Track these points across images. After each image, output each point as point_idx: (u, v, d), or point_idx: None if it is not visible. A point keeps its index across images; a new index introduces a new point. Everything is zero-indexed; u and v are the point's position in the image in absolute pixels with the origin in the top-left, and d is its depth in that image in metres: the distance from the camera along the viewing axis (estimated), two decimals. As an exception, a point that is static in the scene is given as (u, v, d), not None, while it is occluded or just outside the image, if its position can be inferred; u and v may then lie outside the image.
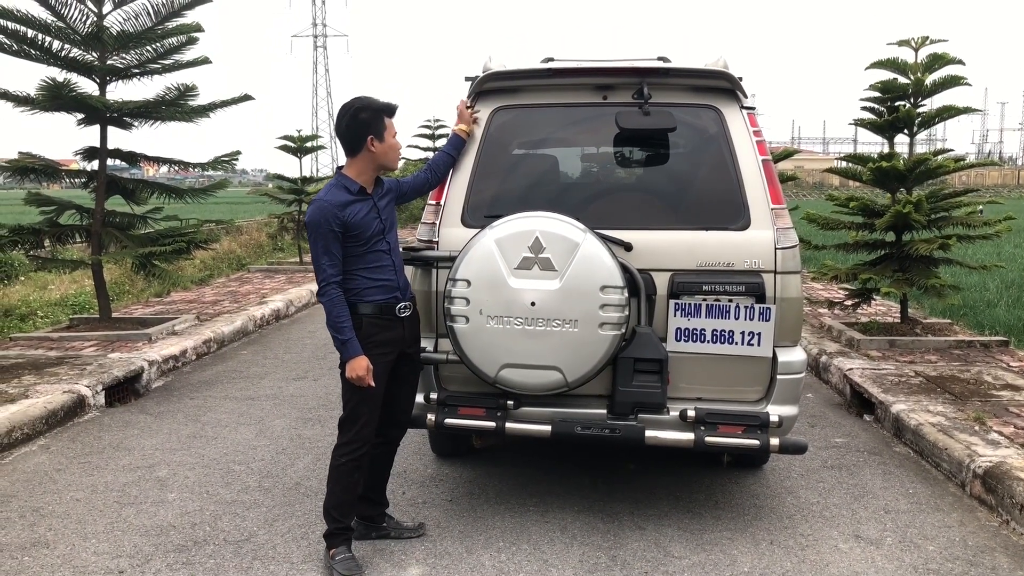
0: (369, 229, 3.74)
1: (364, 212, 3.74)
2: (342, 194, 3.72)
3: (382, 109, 3.76)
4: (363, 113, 3.72)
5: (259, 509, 4.49)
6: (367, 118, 3.72)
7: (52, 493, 4.74)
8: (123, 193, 8.97)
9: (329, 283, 3.68)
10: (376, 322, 3.77)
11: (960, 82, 7.67)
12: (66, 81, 7.82)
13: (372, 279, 3.78)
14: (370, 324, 3.76)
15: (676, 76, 4.32)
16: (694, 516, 4.36)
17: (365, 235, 3.73)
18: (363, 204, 3.75)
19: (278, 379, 7.31)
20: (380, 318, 3.78)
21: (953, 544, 4.05)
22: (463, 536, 4.12)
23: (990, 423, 5.30)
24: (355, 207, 3.72)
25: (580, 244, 3.84)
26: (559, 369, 3.88)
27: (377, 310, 3.77)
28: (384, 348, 3.79)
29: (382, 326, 3.78)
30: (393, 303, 3.81)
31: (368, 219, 3.75)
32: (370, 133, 3.72)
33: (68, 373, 6.77)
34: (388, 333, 3.80)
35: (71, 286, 12.14)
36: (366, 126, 3.72)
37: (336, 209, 3.66)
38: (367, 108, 3.73)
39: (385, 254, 3.81)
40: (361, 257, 3.75)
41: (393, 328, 3.82)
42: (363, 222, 3.72)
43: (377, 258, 3.79)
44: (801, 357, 4.16)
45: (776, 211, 4.15)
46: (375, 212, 3.79)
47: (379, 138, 3.73)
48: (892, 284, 7.63)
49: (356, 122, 3.72)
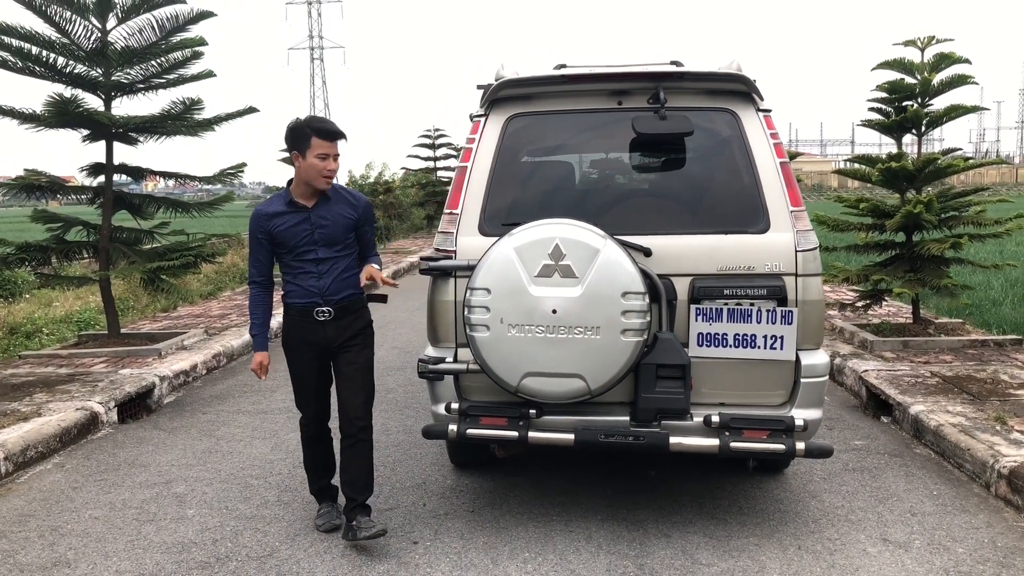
0: (294, 239, 4.07)
1: (291, 224, 4.06)
2: (276, 204, 4.11)
3: (313, 128, 3.98)
4: (295, 130, 4.01)
5: (280, 524, 4.46)
6: (295, 135, 4.00)
7: (70, 511, 4.70)
8: (129, 208, 8.94)
9: (251, 282, 4.26)
10: (295, 322, 4.18)
11: (967, 81, 7.65)
12: (73, 97, 7.80)
13: (294, 284, 4.14)
14: (290, 323, 4.21)
15: (691, 80, 4.30)
16: (719, 522, 4.33)
17: (289, 244, 4.08)
18: (294, 216, 4.07)
19: (289, 392, 7.11)
20: (299, 319, 4.16)
21: (982, 546, 4.02)
22: (488, 547, 4.09)
23: (1011, 423, 5.26)
24: (284, 218, 4.07)
25: (600, 250, 3.81)
26: (582, 377, 3.85)
27: (296, 312, 4.16)
28: (305, 347, 4.19)
29: (300, 327, 4.16)
30: (311, 307, 4.10)
31: (294, 231, 4.07)
32: (295, 148, 4.01)
33: (80, 390, 6.73)
34: (306, 334, 4.16)
35: (75, 303, 12.10)
36: (292, 141, 4.02)
37: (263, 219, 4.10)
38: (299, 126, 4.01)
39: (311, 263, 4.09)
40: (287, 264, 4.15)
41: (312, 330, 4.14)
42: (288, 233, 4.07)
43: (301, 266, 4.10)
44: (824, 360, 4.13)
45: (795, 213, 4.13)
46: (307, 224, 4.07)
47: (302, 155, 3.99)
48: (904, 285, 7.60)
49: (289, 137, 4.03)
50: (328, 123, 4.07)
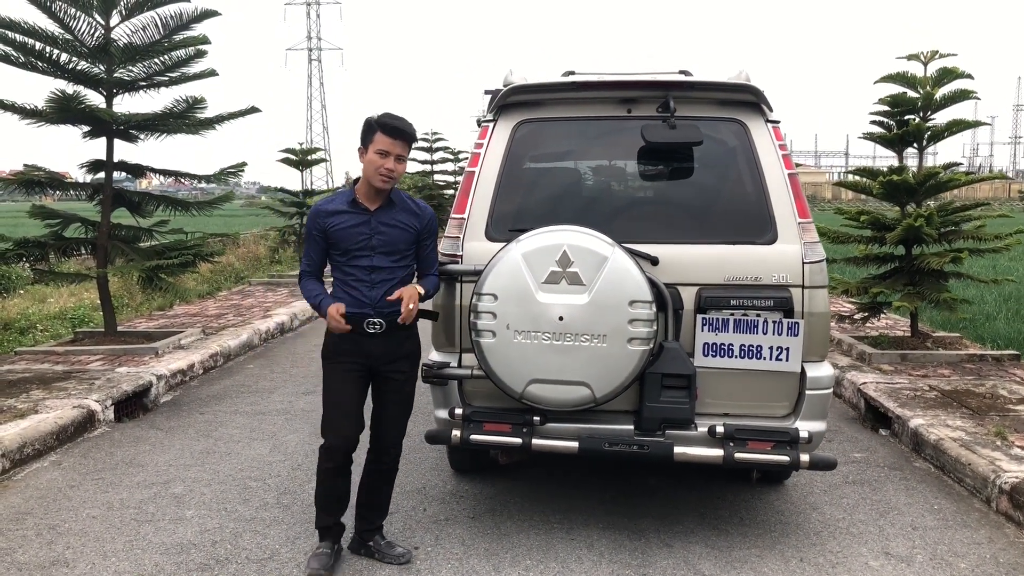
0: (349, 241, 3.81)
1: (349, 224, 3.82)
2: (337, 202, 3.88)
3: (380, 122, 3.79)
4: (366, 123, 3.82)
5: (280, 526, 4.43)
6: (365, 128, 3.82)
7: (68, 510, 4.67)
8: (128, 206, 8.90)
9: (303, 273, 3.97)
10: (343, 333, 3.82)
11: (969, 96, 7.69)
12: (75, 94, 7.78)
13: (344, 291, 3.85)
14: (336, 334, 3.84)
15: (701, 89, 4.30)
16: (720, 533, 4.32)
17: (344, 246, 3.82)
18: (353, 217, 3.83)
19: (287, 393, 7.25)
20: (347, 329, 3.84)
21: (984, 561, 4.01)
22: (489, 554, 4.07)
23: (1011, 438, 5.27)
24: (343, 217, 3.82)
25: (608, 258, 3.80)
26: (587, 384, 3.84)
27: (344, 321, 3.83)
28: (348, 358, 3.85)
29: (348, 338, 3.82)
30: (360, 317, 3.81)
31: (352, 232, 3.81)
32: (361, 142, 3.83)
33: (77, 388, 6.69)
34: (352, 346, 3.84)
35: (70, 299, 12.05)
36: (361, 135, 3.83)
37: (321, 216, 3.85)
38: (370, 119, 3.83)
39: (364, 270, 3.83)
40: (339, 267, 3.88)
41: (358, 343, 3.83)
42: (344, 233, 3.81)
43: (354, 272, 3.83)
44: (829, 372, 4.13)
45: (803, 225, 4.13)
46: (366, 228, 3.82)
47: (365, 149, 3.81)
48: (904, 298, 7.61)
49: (362, 129, 3.84)
50: (398, 120, 3.79)
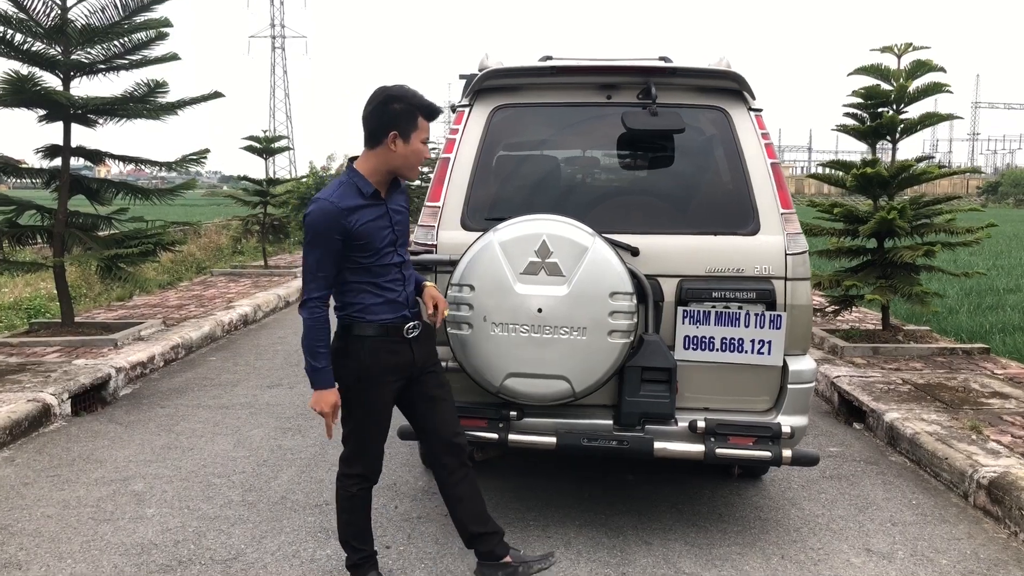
0: (377, 239, 3.24)
1: (372, 218, 3.23)
2: (352, 196, 3.21)
3: (420, 107, 3.22)
4: (396, 104, 3.18)
5: (245, 525, 4.26)
6: (398, 110, 3.18)
7: (21, 509, 4.46)
8: (86, 193, 8.62)
9: (313, 298, 3.21)
10: (383, 345, 3.31)
11: (943, 89, 7.67)
12: (31, 75, 7.49)
13: (380, 295, 3.29)
14: (374, 348, 3.29)
15: (683, 76, 4.19)
16: (699, 529, 4.23)
17: (374, 245, 3.24)
18: (373, 209, 3.24)
19: (251, 387, 7.04)
20: (387, 340, 3.31)
21: (965, 557, 3.97)
22: (464, 553, 3.92)
23: (987, 432, 5.25)
24: (364, 212, 3.21)
25: (589, 248, 3.68)
26: (566, 378, 3.72)
27: (383, 331, 3.30)
28: (391, 375, 3.35)
29: (390, 350, 3.32)
30: (401, 323, 3.33)
31: (377, 227, 3.24)
32: (395, 129, 3.19)
33: (31, 380, 6.44)
34: (395, 357, 3.34)
35: (25, 289, 11.70)
36: (394, 119, 3.19)
37: (340, 215, 3.15)
38: (403, 99, 3.20)
39: (394, 267, 3.33)
40: (368, 269, 3.26)
41: (400, 352, 3.35)
42: (369, 230, 3.21)
43: (385, 272, 3.30)
44: (811, 366, 4.05)
45: (786, 216, 4.04)
46: (386, 220, 3.29)
47: (404, 138, 3.20)
48: (876, 291, 7.60)
49: (385, 111, 3.19)
50: (429, 99, 3.27)
